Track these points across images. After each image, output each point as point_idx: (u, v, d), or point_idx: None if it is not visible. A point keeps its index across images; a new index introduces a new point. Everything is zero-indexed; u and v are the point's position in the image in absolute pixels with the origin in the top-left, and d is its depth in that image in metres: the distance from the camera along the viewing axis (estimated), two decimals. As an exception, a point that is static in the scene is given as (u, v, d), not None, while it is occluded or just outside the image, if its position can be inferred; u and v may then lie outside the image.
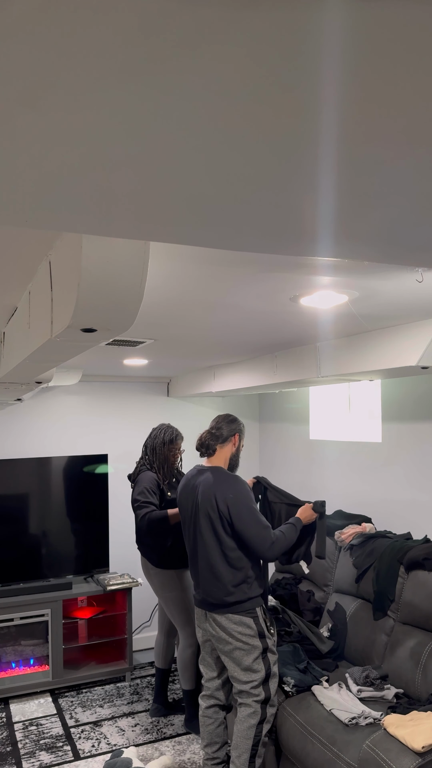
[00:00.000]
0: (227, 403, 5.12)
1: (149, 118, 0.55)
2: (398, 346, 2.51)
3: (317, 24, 0.43)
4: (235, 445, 2.83)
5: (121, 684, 4.12)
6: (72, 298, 1.28)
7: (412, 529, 3.46)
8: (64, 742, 3.38)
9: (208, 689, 2.89)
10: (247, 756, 2.58)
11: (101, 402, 4.69)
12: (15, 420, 4.41)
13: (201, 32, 0.44)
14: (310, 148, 0.60)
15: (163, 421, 4.87)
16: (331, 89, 0.51)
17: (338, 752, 2.36)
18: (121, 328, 1.43)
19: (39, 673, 3.96)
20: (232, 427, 2.82)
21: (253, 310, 2.16)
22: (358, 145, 0.60)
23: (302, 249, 0.91)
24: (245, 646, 2.61)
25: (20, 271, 1.68)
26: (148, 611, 4.84)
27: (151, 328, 2.47)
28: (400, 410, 3.57)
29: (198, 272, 1.67)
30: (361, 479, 3.90)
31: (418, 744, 2.12)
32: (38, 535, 4.21)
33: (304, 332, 2.68)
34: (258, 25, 0.43)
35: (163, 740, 3.37)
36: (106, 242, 1.21)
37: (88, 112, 0.54)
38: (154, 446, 3.47)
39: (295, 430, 4.64)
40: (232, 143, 0.59)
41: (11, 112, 0.54)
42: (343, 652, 3.18)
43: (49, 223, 0.81)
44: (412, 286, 1.85)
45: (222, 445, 2.81)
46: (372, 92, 0.51)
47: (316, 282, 1.78)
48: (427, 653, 2.70)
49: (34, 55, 0.47)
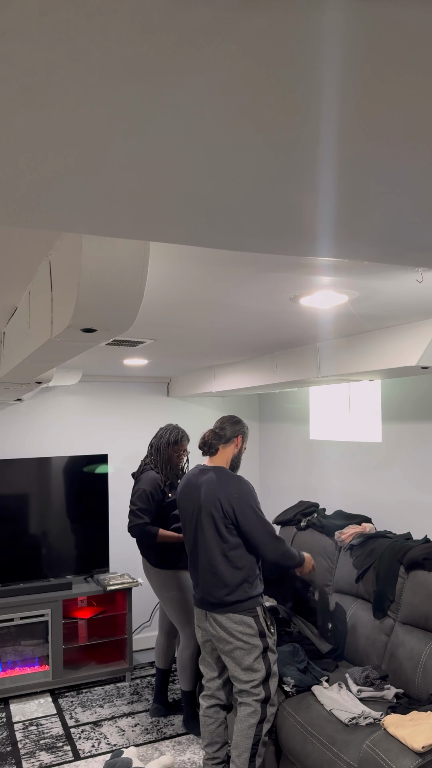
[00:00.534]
0: (227, 403, 5.12)
1: (149, 117, 0.55)
2: (398, 346, 2.51)
3: (317, 24, 0.43)
4: (237, 446, 2.85)
5: (121, 684, 4.12)
6: (72, 298, 1.28)
7: (412, 529, 3.46)
8: (64, 742, 3.38)
9: (208, 689, 2.89)
10: (247, 755, 2.58)
11: (101, 402, 4.69)
12: (15, 420, 4.41)
13: (201, 32, 0.44)
14: (310, 147, 0.60)
15: (162, 421, 4.88)
16: (331, 89, 0.51)
17: (338, 752, 2.36)
18: (121, 328, 1.43)
19: (39, 673, 3.96)
20: (236, 429, 2.85)
21: (253, 310, 2.16)
22: (358, 144, 0.60)
23: (302, 249, 0.91)
24: (246, 645, 2.61)
25: (20, 271, 1.68)
26: (148, 611, 4.84)
27: (151, 328, 2.47)
28: (400, 410, 3.57)
29: (198, 272, 1.67)
30: (361, 479, 3.90)
31: (418, 744, 2.12)
32: (38, 535, 4.21)
33: (304, 332, 2.68)
34: (258, 25, 0.43)
35: (163, 740, 3.37)
36: (106, 242, 1.21)
37: (88, 111, 0.54)
38: (159, 446, 3.50)
39: (295, 430, 4.64)
40: (232, 143, 0.59)
41: (11, 112, 0.54)
42: (343, 652, 3.18)
43: (49, 223, 0.81)
44: (412, 286, 1.85)
45: (225, 446, 2.82)
46: (372, 92, 0.51)
47: (316, 282, 1.78)
48: (427, 653, 2.70)
49: (34, 55, 0.47)
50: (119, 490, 4.72)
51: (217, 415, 5.07)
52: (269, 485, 5.02)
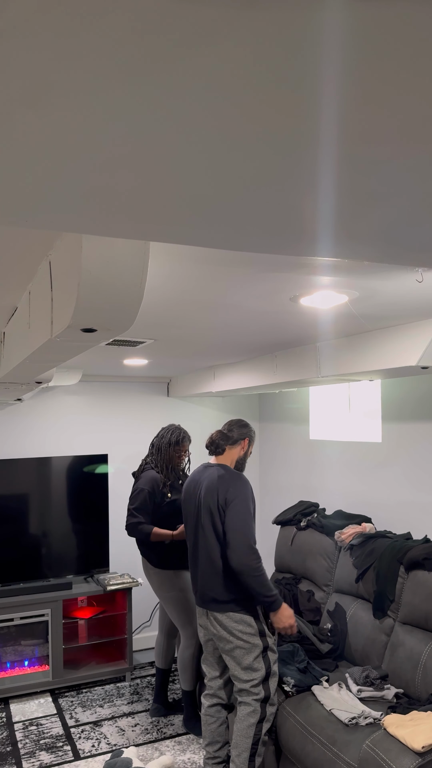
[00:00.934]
0: (227, 403, 5.12)
1: (149, 118, 0.55)
2: (398, 346, 2.51)
3: (317, 24, 0.43)
4: (243, 449, 2.90)
5: (121, 684, 4.12)
6: (72, 298, 1.28)
7: (412, 529, 3.46)
8: (64, 742, 3.38)
9: (210, 688, 2.89)
10: (246, 755, 2.58)
11: (101, 402, 4.69)
12: (15, 420, 4.41)
13: (201, 32, 0.44)
14: (311, 147, 0.60)
15: (163, 421, 4.88)
16: (331, 89, 0.51)
17: (338, 752, 2.36)
18: (121, 328, 1.43)
19: (39, 673, 3.96)
20: (243, 431, 2.90)
21: (253, 310, 2.16)
22: (358, 144, 0.60)
23: (302, 249, 0.91)
24: (246, 644, 2.61)
25: (20, 271, 1.68)
26: (148, 611, 4.84)
27: (151, 328, 2.47)
28: (400, 410, 3.57)
29: (198, 272, 1.67)
30: (361, 479, 3.90)
31: (418, 744, 2.12)
32: (38, 535, 4.21)
33: (304, 332, 2.68)
34: (258, 25, 0.43)
35: (163, 740, 3.37)
36: (106, 242, 1.21)
37: (88, 112, 0.54)
38: (160, 446, 3.51)
39: (295, 430, 4.64)
40: (232, 143, 0.59)
41: (11, 112, 0.54)
42: (343, 652, 3.18)
43: (49, 223, 0.81)
44: (412, 286, 1.85)
45: (231, 447, 2.87)
46: (372, 92, 0.51)
47: (316, 282, 1.78)
48: (427, 653, 2.70)
49: (35, 55, 0.47)
50: (119, 490, 4.72)
51: (217, 415, 5.07)
52: (269, 485, 5.02)
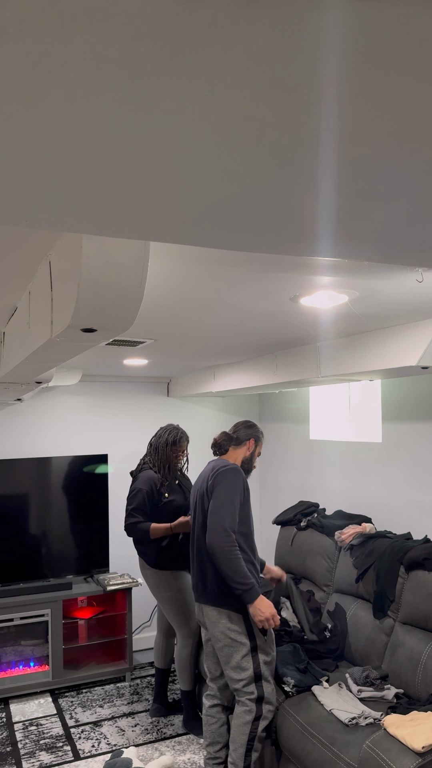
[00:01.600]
0: (227, 403, 5.12)
1: (150, 118, 0.55)
2: (398, 346, 2.51)
3: (317, 24, 0.43)
4: (249, 449, 2.90)
5: (121, 684, 4.12)
6: (72, 298, 1.28)
7: (412, 529, 3.46)
8: (64, 742, 3.38)
9: (211, 689, 2.90)
10: (242, 750, 2.60)
11: (101, 402, 4.69)
12: (15, 420, 4.41)
13: (201, 33, 0.44)
14: (310, 148, 0.60)
15: (162, 421, 4.88)
16: (330, 89, 0.51)
17: (338, 752, 2.36)
18: (121, 328, 1.43)
19: (39, 673, 3.96)
20: (249, 432, 2.90)
21: (253, 310, 2.16)
22: (358, 145, 0.60)
23: (302, 249, 0.91)
24: (233, 642, 2.63)
25: (20, 271, 1.68)
26: (148, 611, 4.84)
27: (151, 328, 2.47)
28: (400, 410, 3.57)
29: (198, 272, 1.67)
30: (361, 479, 3.90)
31: (418, 744, 2.12)
32: (38, 535, 4.21)
33: (304, 332, 2.68)
34: (258, 25, 0.43)
35: (163, 740, 3.37)
36: (106, 242, 1.21)
37: (88, 112, 0.54)
38: (158, 446, 3.51)
39: (295, 430, 4.64)
40: (232, 144, 0.59)
41: (11, 111, 0.54)
42: (343, 652, 3.18)
43: (49, 223, 0.81)
44: (412, 286, 1.85)
45: (236, 447, 2.88)
46: (372, 92, 0.51)
47: (316, 282, 1.78)
48: (427, 653, 2.70)
49: (34, 55, 0.47)
50: (119, 490, 4.72)
51: (217, 415, 5.07)
52: (269, 485, 5.02)
